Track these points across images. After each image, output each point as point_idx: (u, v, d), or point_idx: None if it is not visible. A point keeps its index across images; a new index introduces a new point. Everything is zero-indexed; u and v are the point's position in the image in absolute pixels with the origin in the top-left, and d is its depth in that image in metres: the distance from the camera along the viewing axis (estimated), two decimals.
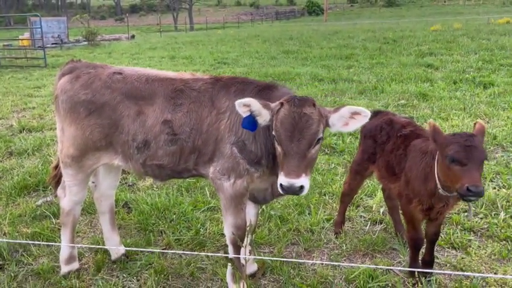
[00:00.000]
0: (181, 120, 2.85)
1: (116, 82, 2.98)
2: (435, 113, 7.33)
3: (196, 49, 20.93)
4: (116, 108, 2.95)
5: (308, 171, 2.42)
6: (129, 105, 2.94)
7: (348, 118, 2.48)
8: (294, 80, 11.02)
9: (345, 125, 2.49)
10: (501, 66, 11.39)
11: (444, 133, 2.71)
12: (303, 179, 2.35)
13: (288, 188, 2.35)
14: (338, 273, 3.34)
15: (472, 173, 2.44)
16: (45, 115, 8.50)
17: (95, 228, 4.13)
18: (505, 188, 4.54)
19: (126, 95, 2.95)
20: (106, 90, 2.96)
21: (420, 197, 2.91)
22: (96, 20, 72.48)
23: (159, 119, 2.88)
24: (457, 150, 2.49)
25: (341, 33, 24.37)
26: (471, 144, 2.48)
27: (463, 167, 2.47)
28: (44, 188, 4.91)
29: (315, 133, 2.39)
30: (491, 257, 3.46)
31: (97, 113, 2.97)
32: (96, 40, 28.42)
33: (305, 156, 2.38)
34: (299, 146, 2.36)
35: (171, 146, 2.88)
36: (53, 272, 3.42)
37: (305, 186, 2.36)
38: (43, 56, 17.50)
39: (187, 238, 3.85)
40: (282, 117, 2.41)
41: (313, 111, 2.41)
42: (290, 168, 2.35)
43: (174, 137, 2.86)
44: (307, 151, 2.39)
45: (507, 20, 26.21)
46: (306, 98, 2.48)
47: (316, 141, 2.41)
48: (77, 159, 3.11)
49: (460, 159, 2.48)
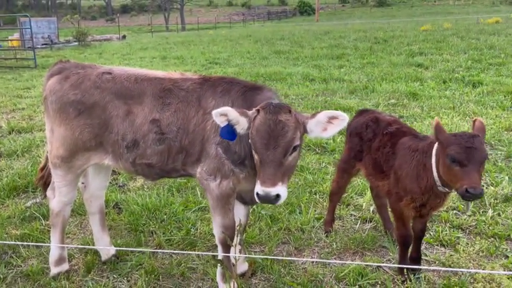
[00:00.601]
0: (169, 120, 2.86)
1: (105, 82, 2.98)
2: (425, 112, 7.39)
3: (188, 49, 20.90)
4: (105, 108, 2.95)
5: (285, 179, 2.37)
6: (118, 104, 2.94)
7: (326, 123, 2.43)
8: (285, 80, 11.04)
9: (324, 131, 2.43)
10: (490, 65, 11.52)
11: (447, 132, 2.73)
12: (279, 187, 2.31)
13: (263, 197, 2.31)
14: (328, 271, 3.36)
15: (471, 174, 2.47)
16: (35, 116, 8.43)
17: (85, 229, 4.11)
18: (493, 185, 4.59)
19: (116, 95, 2.95)
20: (96, 90, 2.96)
21: (413, 195, 2.94)
22: (87, 20, 72.00)
23: (148, 118, 2.88)
24: (457, 151, 2.51)
25: (332, 33, 24.45)
26: (472, 145, 2.50)
27: (463, 168, 2.50)
28: (34, 189, 4.88)
29: (290, 140, 2.35)
30: (479, 253, 3.50)
31: (86, 113, 2.96)
32: (87, 40, 28.26)
33: (281, 164, 2.34)
34: (275, 154, 2.32)
35: (159, 146, 2.88)
36: (43, 273, 3.40)
37: (281, 195, 2.32)
38: (33, 57, 17.38)
39: (177, 238, 3.85)
40: (258, 125, 2.38)
41: (289, 118, 2.37)
42: (266, 177, 2.32)
43: (162, 136, 2.86)
44: (284, 159, 2.35)
45: (496, 20, 26.50)
46: (281, 104, 2.43)
47: (292, 148, 2.37)
48: (67, 160, 3.10)
49: (460, 160, 2.51)
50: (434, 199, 2.91)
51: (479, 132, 2.62)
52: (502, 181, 4.62)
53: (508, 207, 4.14)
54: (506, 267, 3.31)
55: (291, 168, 2.45)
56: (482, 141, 2.56)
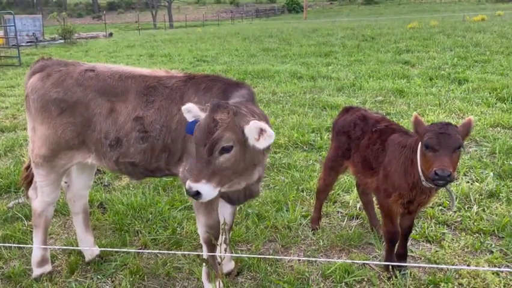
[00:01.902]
0: (152, 117, 2.82)
1: (88, 79, 2.93)
2: (411, 109, 7.43)
3: (176, 47, 20.76)
4: (88, 106, 2.89)
5: (214, 178, 2.31)
6: (101, 102, 2.89)
7: (257, 134, 2.32)
8: (273, 77, 11.02)
9: (257, 140, 2.33)
10: (475, 62, 11.63)
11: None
12: (202, 184, 2.27)
13: (186, 190, 2.31)
14: (314, 269, 3.35)
15: (441, 158, 2.51)
16: (18, 115, 8.29)
17: (69, 229, 4.05)
18: (478, 181, 4.63)
19: (99, 92, 2.90)
20: (78, 88, 2.91)
21: (401, 191, 2.95)
22: (73, 17, 71.08)
23: (131, 115, 2.84)
24: (430, 136, 2.57)
25: (320, 31, 24.49)
26: (444, 132, 2.55)
27: (435, 153, 2.55)
28: (16, 189, 4.79)
29: (218, 139, 2.28)
30: (465, 249, 3.52)
31: (69, 111, 2.91)
32: (73, 38, 27.92)
33: (209, 162, 2.30)
34: (202, 150, 2.30)
35: (142, 144, 2.83)
36: (25, 275, 3.34)
37: (202, 193, 2.28)
38: (17, 55, 17.07)
39: (163, 238, 3.81)
40: (200, 121, 2.38)
41: (223, 118, 2.31)
42: (192, 171, 2.35)
43: (145, 134, 2.82)
44: (210, 157, 2.29)
45: (482, 18, 26.81)
46: (223, 104, 2.38)
47: (221, 148, 2.30)
48: (49, 159, 3.04)
49: (432, 145, 2.56)
50: (421, 195, 2.92)
51: (464, 127, 2.64)
52: (487, 177, 4.66)
53: (492, 203, 4.18)
54: (491, 262, 3.34)
55: (223, 169, 2.34)
56: (456, 129, 2.59)
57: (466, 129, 2.65)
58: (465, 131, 2.63)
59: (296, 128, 6.45)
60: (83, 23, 61.75)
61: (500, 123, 6.40)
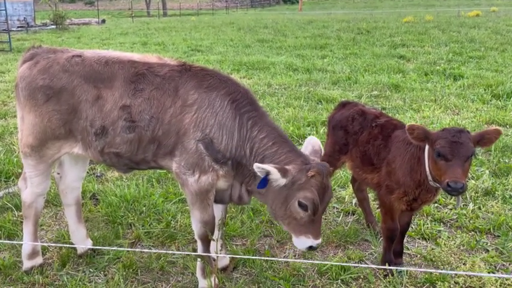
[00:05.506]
0: (141, 107, 2.72)
1: (74, 65, 2.84)
2: (407, 104, 7.41)
3: (169, 35, 20.53)
4: (74, 92, 2.80)
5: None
6: (87, 89, 2.80)
7: None
8: (268, 69, 10.93)
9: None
10: (470, 58, 11.64)
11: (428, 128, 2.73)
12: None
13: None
14: (310, 265, 3.32)
15: (454, 169, 2.47)
16: (8, 102, 8.13)
17: (61, 220, 3.97)
18: (474, 179, 4.62)
19: (84, 78, 2.80)
20: (64, 74, 2.82)
21: (406, 188, 2.92)
22: (65, 3, 69.79)
23: (118, 103, 2.75)
24: (443, 145, 2.52)
25: (316, 23, 24.37)
26: (458, 140, 2.50)
27: (447, 162, 2.51)
28: (6, 178, 4.69)
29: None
30: (460, 247, 3.52)
31: (55, 98, 2.82)
32: (64, 24, 27.47)
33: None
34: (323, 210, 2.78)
35: (129, 134, 2.75)
36: (15, 267, 3.27)
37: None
38: (8, 40, 16.79)
39: (157, 231, 3.75)
40: (317, 189, 2.64)
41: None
42: (316, 231, 2.71)
43: (132, 124, 2.73)
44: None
45: (476, 13, 26.81)
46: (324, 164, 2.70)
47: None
48: (37, 149, 2.96)
49: (445, 154, 2.51)
50: (426, 194, 2.90)
51: (479, 135, 2.59)
52: (483, 175, 4.66)
53: (488, 201, 4.17)
54: (486, 261, 3.33)
55: None
56: (469, 136, 2.54)
57: (480, 136, 2.60)
58: (477, 137, 2.59)
59: (292, 122, 6.39)
60: (75, 9, 60.81)
61: (495, 120, 6.40)
